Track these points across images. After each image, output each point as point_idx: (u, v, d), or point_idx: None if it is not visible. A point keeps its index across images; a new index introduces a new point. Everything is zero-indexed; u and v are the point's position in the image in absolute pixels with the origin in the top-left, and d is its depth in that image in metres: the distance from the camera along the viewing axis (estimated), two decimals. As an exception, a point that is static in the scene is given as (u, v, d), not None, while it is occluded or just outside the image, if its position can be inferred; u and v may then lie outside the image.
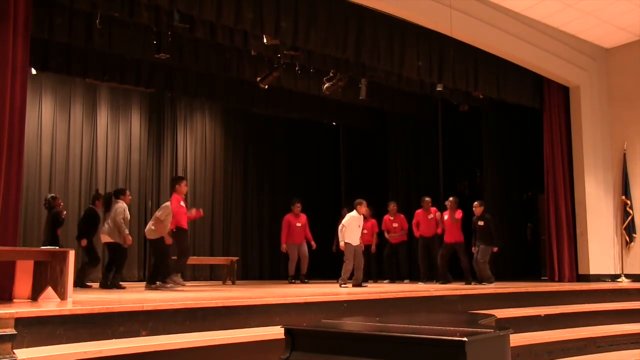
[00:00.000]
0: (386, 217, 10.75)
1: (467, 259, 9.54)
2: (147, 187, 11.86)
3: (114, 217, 8.14)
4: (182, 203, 7.88)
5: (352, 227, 8.42)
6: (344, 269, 8.41)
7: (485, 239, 9.21)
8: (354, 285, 8.32)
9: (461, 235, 9.65)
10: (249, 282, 11.20)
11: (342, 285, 8.25)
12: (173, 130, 12.38)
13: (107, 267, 8.37)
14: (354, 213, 8.51)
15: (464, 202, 10.13)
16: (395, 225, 10.62)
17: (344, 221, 8.51)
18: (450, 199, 9.87)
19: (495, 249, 9.22)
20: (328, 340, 2.78)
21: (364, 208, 8.61)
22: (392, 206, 10.75)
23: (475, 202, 9.46)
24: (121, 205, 8.24)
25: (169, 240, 7.83)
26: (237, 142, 13.29)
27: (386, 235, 10.66)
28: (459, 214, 9.64)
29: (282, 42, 7.92)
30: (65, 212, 8.90)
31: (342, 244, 8.43)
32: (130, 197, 8.71)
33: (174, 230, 7.78)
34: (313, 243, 10.45)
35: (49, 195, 8.99)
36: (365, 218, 10.60)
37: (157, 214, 7.93)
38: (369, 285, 8.82)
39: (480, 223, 9.25)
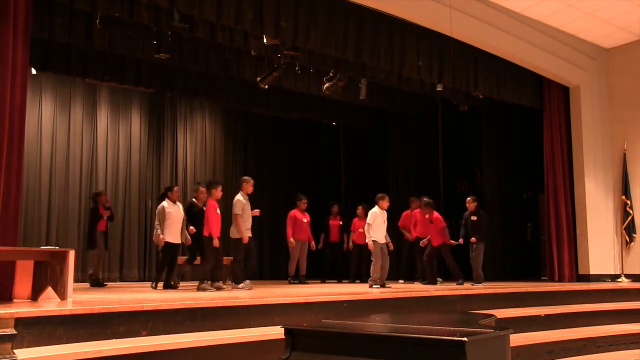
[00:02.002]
0: (407, 213, 10.38)
1: (453, 259, 9.47)
2: (147, 187, 11.85)
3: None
4: (218, 210, 7.80)
5: (377, 224, 8.12)
6: (372, 268, 8.06)
7: (475, 234, 9.14)
8: (370, 286, 7.98)
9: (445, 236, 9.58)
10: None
11: (374, 287, 7.87)
12: (173, 130, 12.38)
13: (170, 268, 8.32)
14: (376, 209, 8.23)
15: (464, 202, 10.13)
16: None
17: (368, 219, 8.21)
18: (423, 199, 9.80)
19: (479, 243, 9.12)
20: (328, 340, 2.78)
21: (386, 203, 8.31)
22: (415, 202, 10.29)
23: (469, 198, 9.45)
24: (160, 206, 8.27)
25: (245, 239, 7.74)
26: (237, 142, 13.29)
27: (403, 231, 10.29)
28: (433, 216, 9.60)
29: (282, 42, 7.91)
30: (106, 213, 8.94)
31: (369, 242, 8.11)
32: (177, 194, 8.60)
33: (207, 236, 7.66)
34: (312, 243, 10.37)
35: (95, 192, 9.34)
36: (359, 217, 10.45)
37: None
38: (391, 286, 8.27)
39: (474, 218, 9.23)
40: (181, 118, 12.50)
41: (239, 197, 8.03)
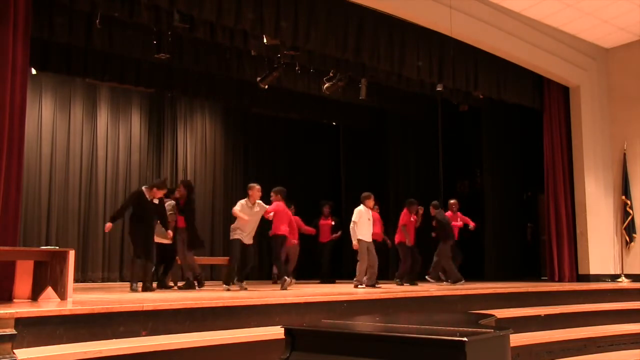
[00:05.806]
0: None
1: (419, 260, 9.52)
2: (147, 187, 11.84)
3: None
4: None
5: (362, 222, 8.10)
6: (358, 268, 8.04)
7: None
8: (367, 285, 7.92)
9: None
10: (249, 282, 11.19)
11: (358, 287, 7.87)
12: (173, 130, 12.38)
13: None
14: (361, 207, 8.24)
15: (464, 202, 10.10)
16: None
17: (353, 217, 8.18)
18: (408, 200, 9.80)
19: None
20: (328, 340, 2.78)
21: (371, 202, 8.35)
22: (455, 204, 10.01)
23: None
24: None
25: None
26: (237, 142, 13.28)
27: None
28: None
29: (282, 42, 7.91)
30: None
31: (354, 242, 8.05)
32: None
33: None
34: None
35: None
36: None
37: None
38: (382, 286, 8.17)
39: (434, 223, 9.53)
40: (181, 118, 12.50)
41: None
